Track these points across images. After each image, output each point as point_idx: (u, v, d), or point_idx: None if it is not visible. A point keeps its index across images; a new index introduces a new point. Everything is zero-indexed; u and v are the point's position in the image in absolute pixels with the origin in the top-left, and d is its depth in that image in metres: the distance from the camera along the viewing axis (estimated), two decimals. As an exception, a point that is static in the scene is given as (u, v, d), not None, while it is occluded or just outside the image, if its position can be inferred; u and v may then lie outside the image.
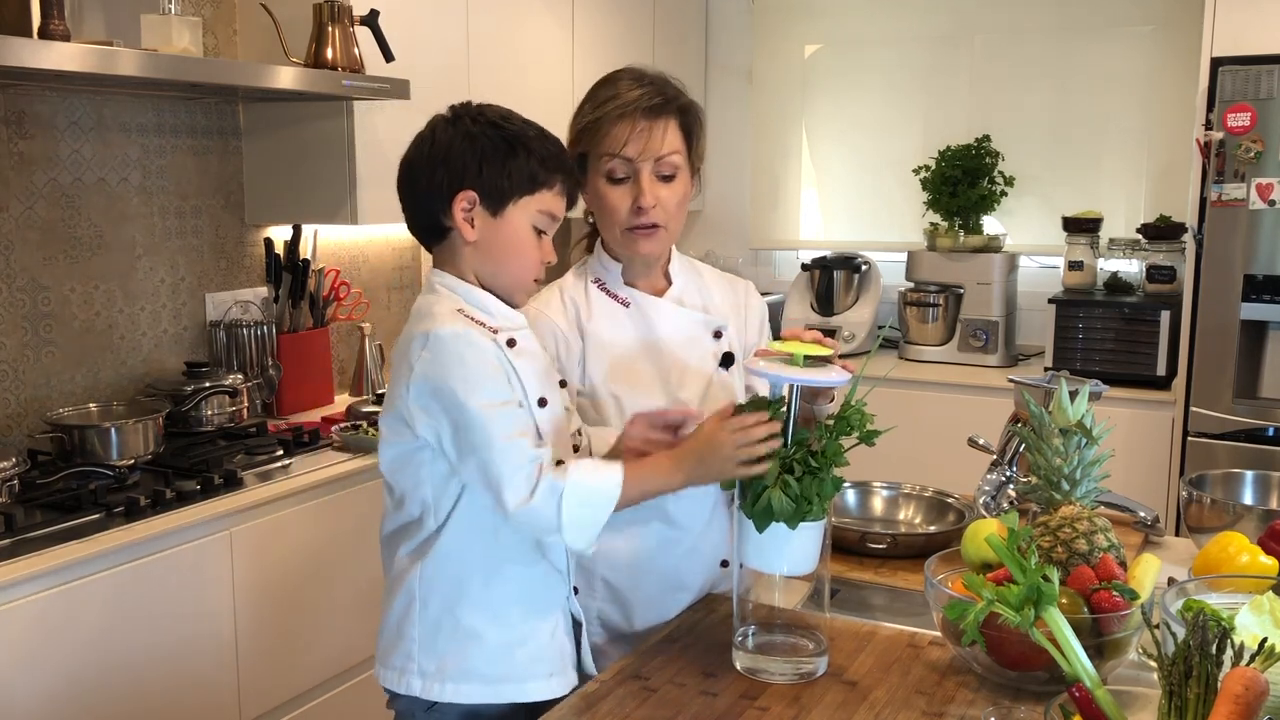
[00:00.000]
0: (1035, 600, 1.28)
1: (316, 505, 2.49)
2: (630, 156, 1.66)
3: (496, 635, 1.52)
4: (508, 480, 1.40)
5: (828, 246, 4.41)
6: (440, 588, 1.52)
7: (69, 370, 2.63)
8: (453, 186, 1.49)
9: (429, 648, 1.53)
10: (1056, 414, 1.59)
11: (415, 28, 3.03)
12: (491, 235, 1.50)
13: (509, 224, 1.50)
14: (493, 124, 1.50)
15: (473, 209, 1.49)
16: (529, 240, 1.51)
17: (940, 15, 4.23)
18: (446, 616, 1.52)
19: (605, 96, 1.69)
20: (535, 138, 1.51)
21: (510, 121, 1.51)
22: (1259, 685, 1.07)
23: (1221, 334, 3.23)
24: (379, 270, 3.48)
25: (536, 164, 1.49)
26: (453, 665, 1.52)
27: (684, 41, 4.38)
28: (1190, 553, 1.90)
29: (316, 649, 2.49)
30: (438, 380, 1.43)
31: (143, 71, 2.23)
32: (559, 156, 1.53)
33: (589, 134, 1.69)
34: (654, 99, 1.67)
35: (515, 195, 1.49)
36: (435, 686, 1.52)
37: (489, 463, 1.41)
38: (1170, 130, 3.88)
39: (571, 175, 1.55)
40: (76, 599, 2.01)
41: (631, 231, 1.68)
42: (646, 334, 1.73)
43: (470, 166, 1.48)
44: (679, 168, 1.69)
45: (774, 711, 1.40)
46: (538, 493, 1.40)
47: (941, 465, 2.67)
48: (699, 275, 1.84)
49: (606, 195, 1.68)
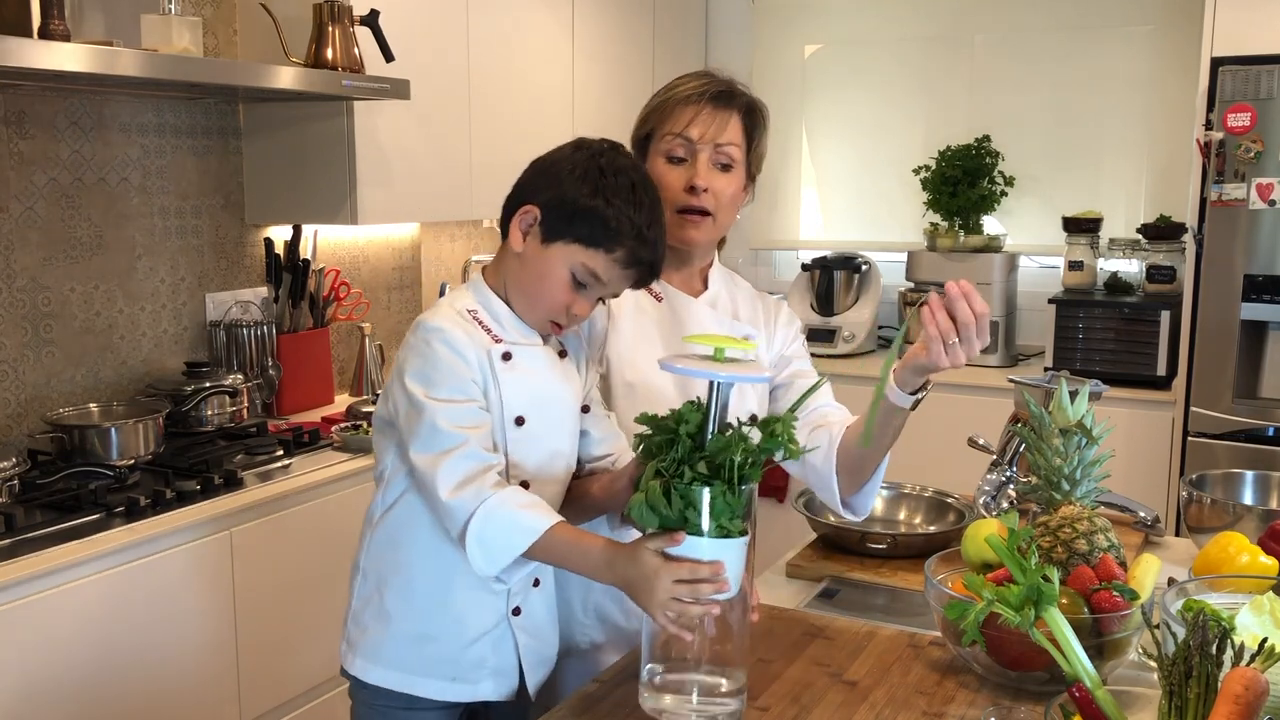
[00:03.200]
0: (1035, 600, 1.28)
1: (316, 505, 2.49)
2: (692, 137, 1.68)
3: (408, 624, 1.52)
4: (444, 468, 1.39)
5: (828, 246, 4.41)
6: (377, 564, 1.55)
7: (69, 370, 2.63)
8: (528, 196, 1.49)
9: (358, 620, 1.57)
10: (1056, 414, 1.59)
11: (415, 28, 3.03)
12: (533, 257, 1.48)
13: (551, 257, 1.47)
14: (600, 170, 1.46)
15: (532, 225, 1.48)
16: (562, 282, 1.47)
17: (940, 15, 4.23)
18: (375, 594, 1.55)
19: (677, 83, 1.74)
20: (623, 204, 1.44)
21: (619, 177, 1.46)
22: (1259, 685, 1.07)
23: (1221, 334, 3.23)
24: (379, 270, 3.48)
25: (602, 227, 1.44)
26: (366, 643, 1.55)
27: (684, 41, 4.38)
28: (1190, 553, 1.90)
29: (316, 649, 2.49)
30: (404, 364, 1.46)
31: (143, 71, 2.23)
32: (634, 231, 1.45)
33: (655, 114, 1.72)
34: (721, 88, 1.71)
35: (569, 239, 1.46)
36: (350, 658, 1.56)
37: (430, 449, 1.40)
38: (1170, 130, 3.88)
39: (638, 254, 1.46)
40: (76, 599, 2.01)
41: (681, 215, 1.69)
42: (673, 331, 1.73)
43: (550, 189, 1.47)
44: (736, 161, 1.71)
45: (774, 711, 1.40)
46: (467, 490, 1.37)
47: (941, 465, 2.66)
48: (735, 287, 1.85)
49: (663, 174, 1.69)
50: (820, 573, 1.95)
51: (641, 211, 1.46)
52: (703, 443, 1.29)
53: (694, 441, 1.29)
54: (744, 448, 1.27)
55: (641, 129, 1.74)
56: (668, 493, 1.27)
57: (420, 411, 1.42)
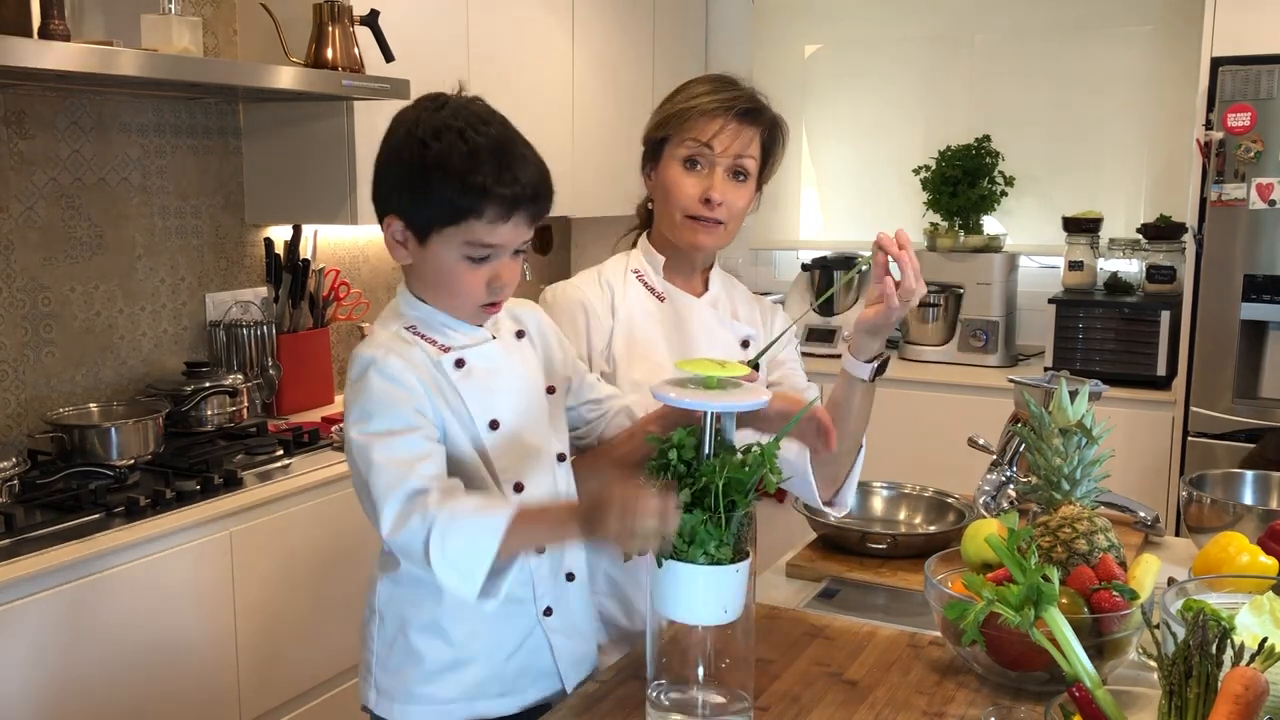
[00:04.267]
0: (1035, 600, 1.28)
1: (316, 505, 2.49)
2: (715, 149, 1.68)
3: (438, 657, 1.46)
4: (383, 507, 1.31)
5: (828, 246, 4.41)
6: (396, 606, 1.49)
7: (69, 370, 2.63)
8: (384, 209, 1.41)
9: (384, 665, 1.50)
10: (1056, 414, 1.59)
11: (415, 28, 3.03)
12: (422, 263, 1.40)
13: (435, 254, 1.38)
14: (421, 142, 1.34)
15: (403, 233, 1.39)
16: (458, 271, 1.38)
17: (940, 15, 4.23)
18: (400, 636, 1.48)
19: (701, 91, 1.72)
20: (464, 158, 1.33)
21: (443, 137, 1.34)
22: (1259, 685, 1.07)
23: (1221, 334, 3.23)
24: (379, 270, 3.48)
25: (456, 192, 1.33)
26: (399, 686, 1.49)
27: (684, 41, 4.38)
28: (1190, 553, 1.90)
29: (316, 649, 2.49)
30: (348, 403, 1.40)
31: (143, 71, 2.23)
32: (487, 180, 1.33)
33: (676, 120, 1.70)
34: (749, 105, 1.70)
35: (437, 225, 1.36)
36: (385, 704, 1.50)
37: (370, 487, 1.33)
38: (1170, 130, 3.88)
39: (506, 199, 1.34)
40: (76, 599, 2.01)
41: (692, 220, 1.70)
42: (675, 330, 1.74)
43: (394, 190, 1.39)
44: (751, 173, 1.72)
45: (774, 711, 1.40)
46: (410, 521, 1.29)
47: (941, 465, 2.66)
48: (734, 288, 1.86)
49: (679, 180, 1.69)
50: (820, 573, 1.95)
51: (482, 156, 1.33)
52: (697, 468, 1.27)
53: (688, 467, 1.27)
54: (727, 476, 1.25)
55: (658, 132, 1.73)
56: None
57: (361, 451, 1.34)
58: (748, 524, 1.28)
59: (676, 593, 1.27)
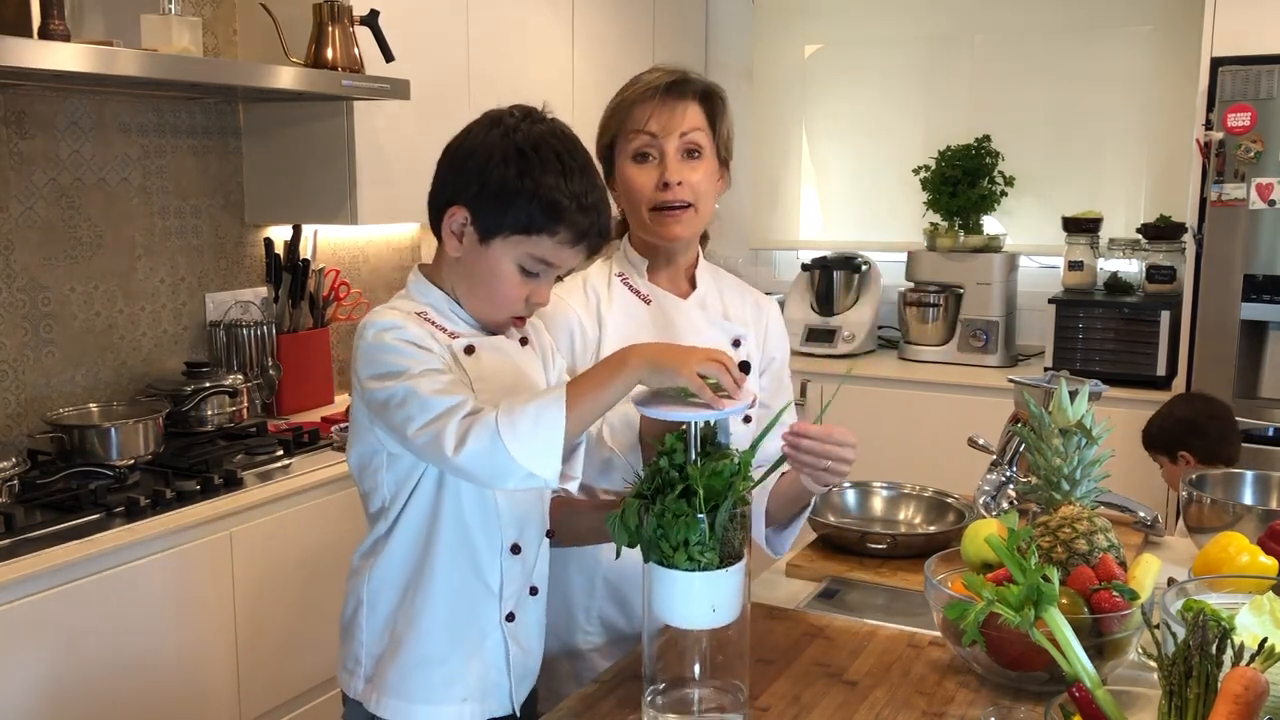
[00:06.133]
0: (1035, 600, 1.28)
1: (316, 505, 2.49)
2: (654, 131, 1.66)
3: (415, 650, 1.47)
4: (444, 434, 1.29)
5: (828, 246, 4.41)
6: (386, 593, 1.49)
7: (69, 370, 2.63)
8: (452, 197, 1.42)
9: (374, 654, 1.51)
10: (1056, 414, 1.59)
11: (415, 28, 3.03)
12: (474, 259, 1.42)
13: (493, 255, 1.41)
14: (519, 150, 1.38)
15: (464, 225, 1.41)
16: (511, 278, 1.42)
17: (940, 15, 4.23)
18: (387, 625, 1.49)
19: (630, 84, 1.72)
20: (555, 179, 1.38)
21: (541, 151, 1.39)
22: (1259, 685, 1.07)
23: (1221, 334, 3.23)
24: (379, 270, 3.48)
25: (539, 209, 1.37)
26: (380, 676, 1.49)
27: (684, 41, 4.38)
28: (1190, 553, 1.90)
29: (316, 649, 2.49)
30: (361, 371, 1.39)
31: (143, 71, 2.23)
32: (573, 204, 1.39)
33: (615, 118, 1.70)
34: (673, 78, 1.68)
35: (507, 231, 1.39)
36: (372, 696, 1.50)
37: (424, 422, 1.31)
38: (1170, 130, 3.88)
39: (581, 227, 1.40)
40: (76, 599, 2.01)
41: (659, 212, 1.67)
42: (664, 333, 1.71)
43: (474, 184, 1.40)
44: (703, 147, 1.69)
45: (774, 711, 1.40)
46: (472, 433, 1.28)
47: (941, 465, 2.67)
48: (722, 283, 1.83)
49: (633, 176, 1.67)
50: (820, 573, 1.95)
51: (574, 180, 1.39)
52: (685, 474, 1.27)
53: (679, 472, 1.28)
54: (706, 481, 1.25)
55: (604, 137, 1.71)
56: (640, 514, 1.27)
57: (402, 397, 1.32)
58: (738, 527, 1.29)
59: (665, 595, 1.29)
